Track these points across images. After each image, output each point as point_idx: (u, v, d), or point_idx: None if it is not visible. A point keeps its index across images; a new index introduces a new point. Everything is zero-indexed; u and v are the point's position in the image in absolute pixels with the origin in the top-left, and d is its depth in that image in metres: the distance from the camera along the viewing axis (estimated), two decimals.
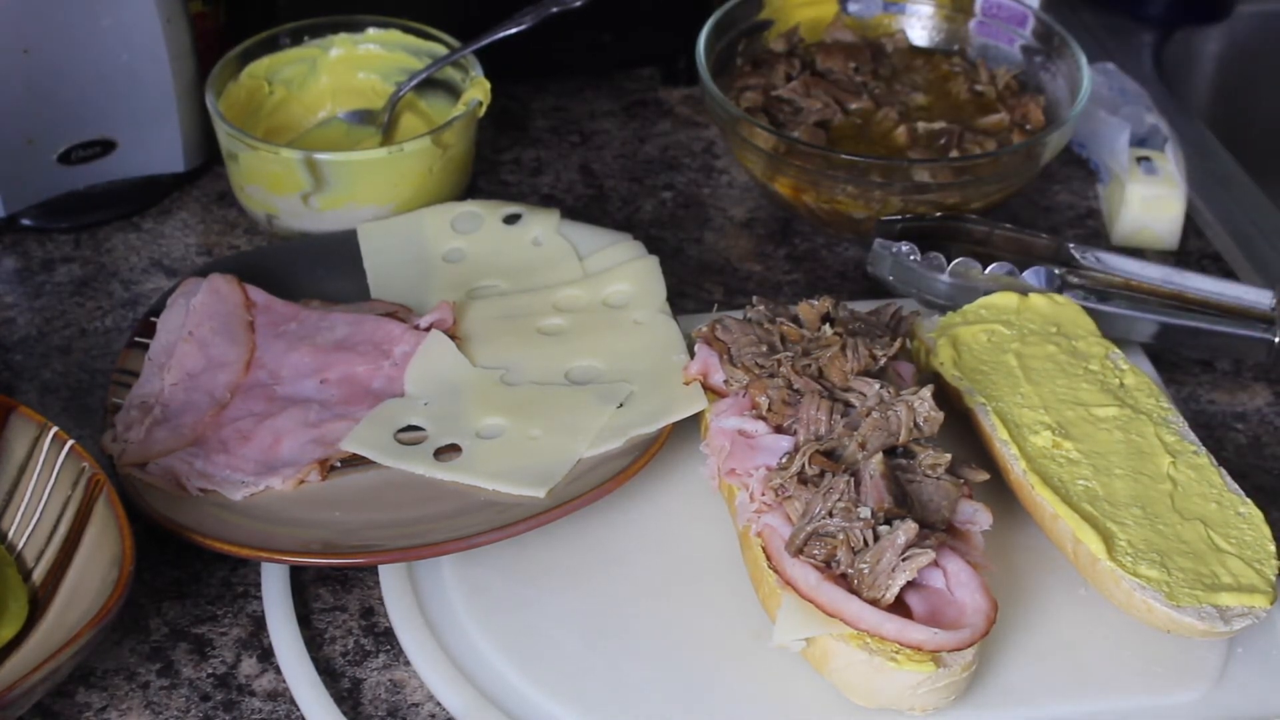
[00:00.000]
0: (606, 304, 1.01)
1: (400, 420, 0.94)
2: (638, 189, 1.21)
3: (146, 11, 1.10)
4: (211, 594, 0.89)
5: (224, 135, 1.11)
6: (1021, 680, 0.83)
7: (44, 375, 1.03)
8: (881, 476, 0.82)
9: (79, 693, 0.84)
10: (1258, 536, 0.85)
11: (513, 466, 0.90)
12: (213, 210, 1.17)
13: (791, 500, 0.83)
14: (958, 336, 0.97)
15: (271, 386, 0.97)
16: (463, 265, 1.05)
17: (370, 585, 0.90)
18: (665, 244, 1.15)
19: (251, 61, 1.16)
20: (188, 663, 0.85)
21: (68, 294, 1.09)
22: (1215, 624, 0.80)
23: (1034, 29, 1.21)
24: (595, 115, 1.29)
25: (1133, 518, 0.85)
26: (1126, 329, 1.02)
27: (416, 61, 1.18)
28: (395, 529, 0.88)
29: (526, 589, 0.87)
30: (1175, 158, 1.18)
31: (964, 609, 0.80)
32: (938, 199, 1.10)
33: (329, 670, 0.85)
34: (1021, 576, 0.88)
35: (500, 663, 0.83)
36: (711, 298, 1.10)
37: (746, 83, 1.20)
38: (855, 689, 0.80)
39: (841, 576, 0.80)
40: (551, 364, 0.97)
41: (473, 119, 1.13)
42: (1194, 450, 0.90)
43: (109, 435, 0.93)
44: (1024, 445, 0.89)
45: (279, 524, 0.88)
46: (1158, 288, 1.05)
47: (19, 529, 0.86)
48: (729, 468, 0.87)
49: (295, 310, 1.01)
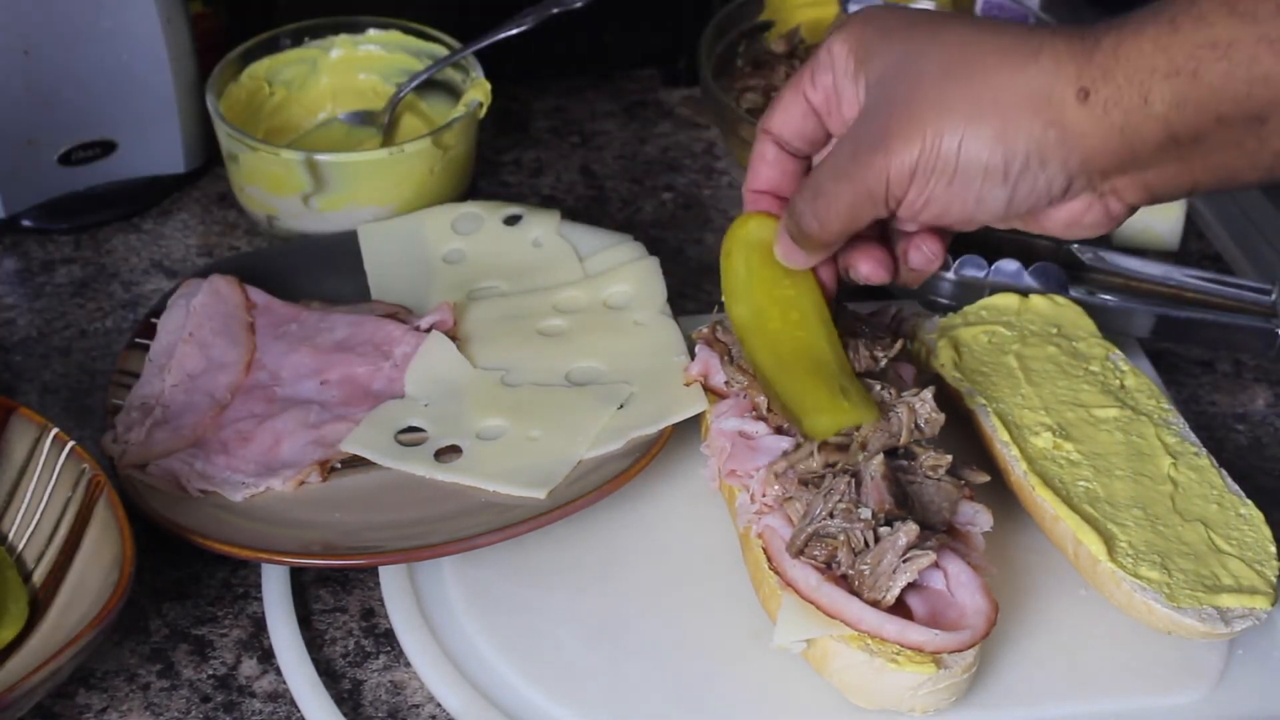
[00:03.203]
0: (607, 305, 1.01)
1: (400, 421, 0.94)
2: (638, 190, 1.21)
3: (147, 12, 1.10)
4: (212, 595, 0.89)
5: (224, 136, 1.11)
6: (1022, 681, 0.83)
7: (44, 376, 1.03)
8: (882, 478, 0.82)
9: (79, 694, 0.84)
10: (1258, 538, 0.85)
11: (513, 467, 0.90)
12: (213, 211, 1.17)
13: (792, 501, 0.83)
14: (958, 338, 0.97)
15: (272, 388, 0.97)
16: (463, 266, 1.05)
17: (371, 586, 0.90)
18: (666, 245, 1.15)
19: (252, 62, 1.16)
20: (188, 664, 0.85)
21: (68, 295, 1.09)
22: (1216, 625, 0.80)
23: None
24: (596, 116, 1.29)
25: (1133, 519, 0.85)
26: (1126, 323, 1.02)
27: (417, 62, 1.18)
28: (395, 530, 0.88)
29: (527, 590, 0.87)
30: None
31: (964, 610, 0.80)
32: None
33: (329, 671, 0.85)
34: (1022, 578, 0.88)
35: (500, 663, 0.83)
36: (712, 299, 1.10)
37: (747, 83, 1.20)
38: (856, 690, 0.80)
39: (842, 578, 0.80)
40: (552, 365, 0.97)
41: (473, 120, 1.13)
42: (1195, 451, 0.90)
43: (109, 436, 0.93)
44: (1025, 446, 0.89)
45: (279, 525, 0.88)
46: (1159, 285, 1.05)
47: (19, 530, 0.86)
48: (729, 469, 0.87)
49: (295, 311, 1.01)
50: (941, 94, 0.73)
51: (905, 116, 0.74)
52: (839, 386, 0.85)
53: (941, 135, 0.73)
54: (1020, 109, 0.72)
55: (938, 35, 0.75)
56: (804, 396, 0.85)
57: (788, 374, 0.87)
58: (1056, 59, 0.71)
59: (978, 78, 0.73)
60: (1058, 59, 0.71)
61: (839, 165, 0.78)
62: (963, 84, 0.73)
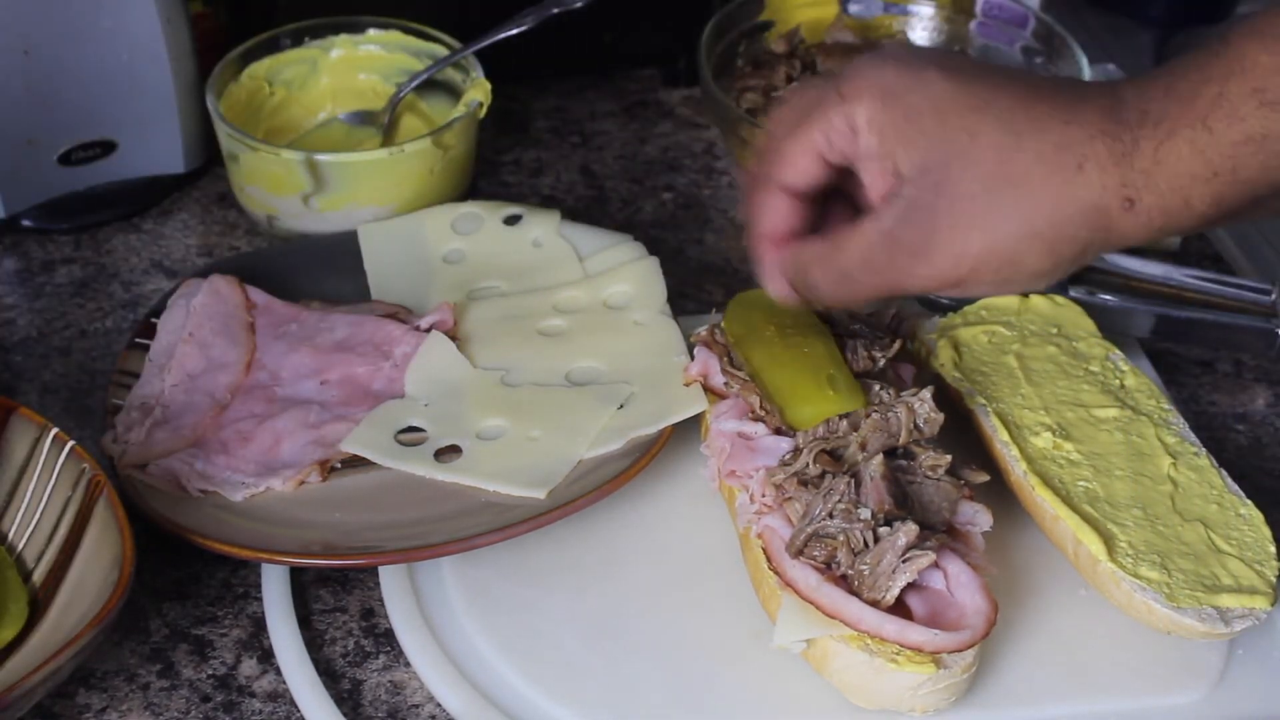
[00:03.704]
0: (607, 305, 1.01)
1: (400, 421, 0.94)
2: (638, 190, 1.21)
3: (147, 12, 1.10)
4: (212, 595, 0.89)
5: (224, 136, 1.11)
6: (1022, 681, 0.83)
7: (44, 376, 1.03)
8: (882, 478, 0.82)
9: (79, 694, 0.84)
10: (1258, 538, 0.85)
11: (513, 467, 0.90)
12: (213, 211, 1.17)
13: (792, 501, 0.83)
14: (958, 337, 0.97)
15: (272, 388, 0.97)
16: (463, 266, 1.05)
17: (370, 586, 0.90)
18: (666, 245, 1.15)
19: (252, 62, 1.16)
20: (188, 664, 0.85)
21: (68, 295, 1.09)
22: (1216, 625, 0.80)
23: (1034, 30, 1.21)
24: (596, 116, 1.29)
25: (1133, 519, 0.85)
26: (1126, 323, 1.02)
27: (417, 62, 1.18)
28: (395, 530, 0.88)
29: (527, 590, 0.87)
30: None
31: (964, 610, 0.80)
32: None
33: (329, 671, 0.85)
34: (1022, 578, 0.88)
35: (500, 663, 0.83)
36: (712, 299, 1.10)
37: (747, 83, 1.20)
38: (855, 690, 0.80)
39: (842, 578, 0.80)
40: (552, 365, 0.97)
41: (473, 120, 1.13)
42: (1194, 451, 0.90)
43: (109, 436, 0.93)
44: (1024, 446, 0.89)
45: (279, 525, 0.88)
46: (1159, 285, 1.05)
47: (19, 530, 0.86)
48: (729, 469, 0.87)
49: (296, 311, 1.01)
50: (989, 211, 0.73)
51: (950, 230, 0.73)
52: (826, 376, 0.86)
53: (994, 252, 0.73)
54: (1072, 223, 0.72)
55: (975, 137, 0.73)
56: (789, 386, 0.86)
57: (776, 365, 0.87)
58: (1101, 170, 0.71)
59: (1024, 194, 0.72)
60: (1102, 169, 0.71)
61: (873, 260, 0.76)
62: (1009, 201, 0.72)
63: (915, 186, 0.74)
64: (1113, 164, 0.71)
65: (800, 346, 0.88)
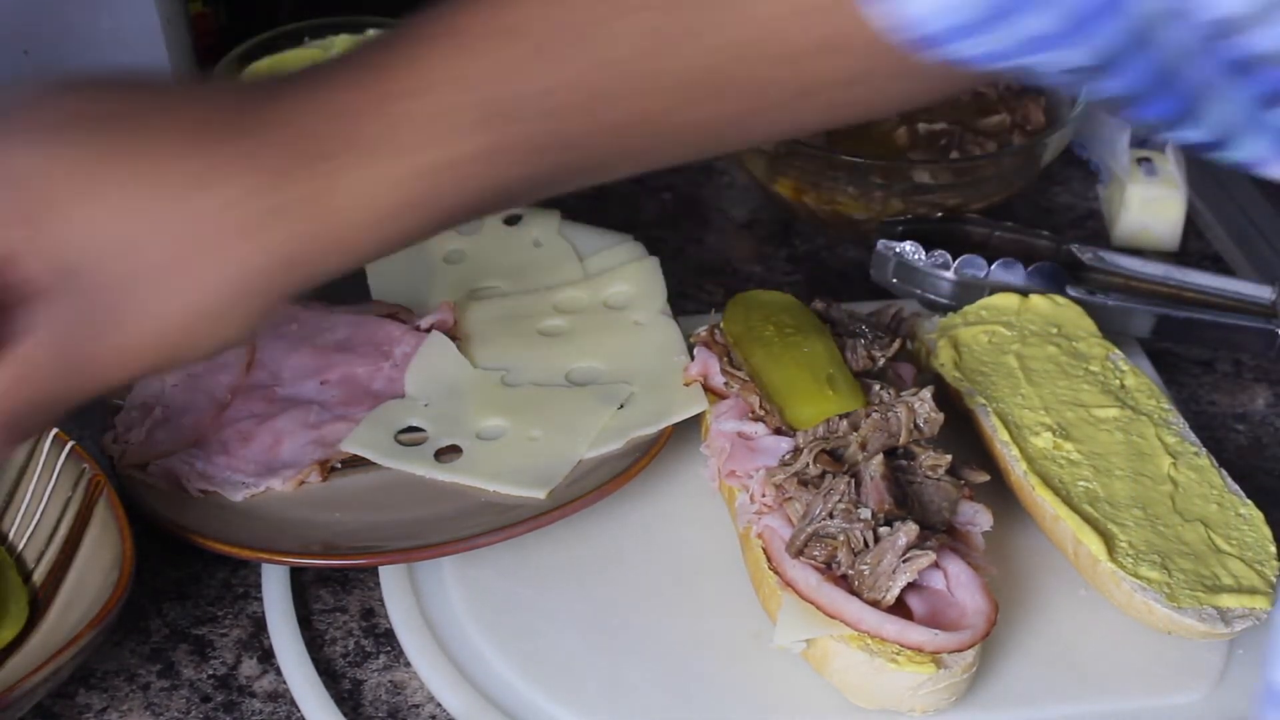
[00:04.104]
0: (607, 305, 1.01)
1: (400, 421, 0.94)
2: (638, 190, 1.21)
3: (146, 12, 1.10)
4: (212, 595, 0.89)
5: None
6: (1022, 681, 0.83)
7: None
8: (882, 478, 0.82)
9: (79, 694, 0.84)
10: (1258, 538, 0.85)
11: (513, 467, 0.90)
12: None
13: (792, 501, 0.83)
14: (958, 337, 0.97)
15: (272, 388, 0.97)
16: (463, 266, 1.05)
17: (371, 586, 0.90)
18: (666, 245, 1.15)
19: (252, 62, 1.16)
20: (188, 664, 0.85)
21: None
22: (1216, 625, 0.80)
23: None
24: None
25: (1133, 519, 0.85)
26: (1126, 323, 1.02)
27: None
28: (395, 530, 0.88)
29: (527, 590, 0.87)
30: (1176, 159, 1.18)
31: (964, 610, 0.80)
32: (938, 200, 1.10)
33: (329, 671, 0.85)
34: (1022, 578, 0.88)
35: (500, 663, 0.83)
36: (712, 299, 1.10)
37: None
38: (856, 690, 0.80)
39: (842, 578, 0.80)
40: (552, 365, 0.97)
41: None
42: (1195, 451, 0.90)
43: (109, 436, 0.93)
44: (1025, 446, 0.89)
45: (279, 525, 0.88)
46: (1159, 285, 1.05)
47: (19, 530, 0.86)
48: (729, 469, 0.87)
49: (296, 311, 1.01)
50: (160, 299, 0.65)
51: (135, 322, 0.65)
52: (826, 376, 0.86)
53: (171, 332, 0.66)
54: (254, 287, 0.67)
55: (121, 219, 0.64)
56: (789, 386, 0.86)
57: (776, 365, 0.87)
58: (278, 220, 0.65)
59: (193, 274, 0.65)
60: (280, 220, 0.65)
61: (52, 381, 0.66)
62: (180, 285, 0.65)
63: (71, 293, 0.63)
64: (295, 207, 0.64)
65: (800, 346, 0.88)
